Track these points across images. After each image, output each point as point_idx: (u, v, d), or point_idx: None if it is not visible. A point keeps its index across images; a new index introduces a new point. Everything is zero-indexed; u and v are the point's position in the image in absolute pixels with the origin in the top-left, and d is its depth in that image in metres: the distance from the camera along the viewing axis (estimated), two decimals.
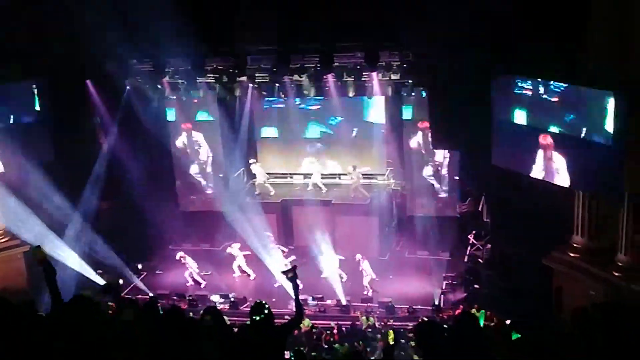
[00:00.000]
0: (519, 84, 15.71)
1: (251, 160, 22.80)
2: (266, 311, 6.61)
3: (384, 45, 18.63)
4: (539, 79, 15.26)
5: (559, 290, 16.55)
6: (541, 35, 14.75)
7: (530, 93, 15.53)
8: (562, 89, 14.77)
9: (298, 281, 7.65)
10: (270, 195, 22.59)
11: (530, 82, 15.50)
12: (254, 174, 22.87)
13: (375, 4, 17.25)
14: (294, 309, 7.67)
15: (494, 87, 16.27)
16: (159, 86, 21.47)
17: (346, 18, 17.80)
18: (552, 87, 14.99)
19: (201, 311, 7.07)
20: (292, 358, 8.56)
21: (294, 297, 7.58)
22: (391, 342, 16.03)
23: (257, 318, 6.57)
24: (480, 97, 16.41)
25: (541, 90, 15.26)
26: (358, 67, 19.41)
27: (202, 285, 20.66)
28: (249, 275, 21.09)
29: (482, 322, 5.61)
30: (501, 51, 15.56)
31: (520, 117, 15.94)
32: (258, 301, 6.77)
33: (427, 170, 21.26)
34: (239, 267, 21.09)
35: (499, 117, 16.41)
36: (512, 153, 16.61)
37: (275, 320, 6.82)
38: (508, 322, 14.50)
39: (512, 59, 15.57)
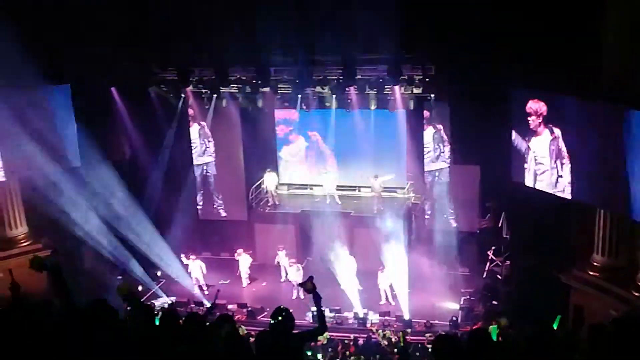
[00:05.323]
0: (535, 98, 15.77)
1: (267, 170, 22.97)
2: (284, 313, 6.58)
3: (407, 59, 18.63)
4: (555, 94, 15.30)
5: (578, 309, 16.35)
6: (559, 50, 14.77)
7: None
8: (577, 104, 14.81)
9: (318, 292, 7.62)
10: (277, 204, 22.69)
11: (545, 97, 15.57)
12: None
13: (397, 17, 17.28)
14: (316, 320, 7.60)
15: (512, 102, 16.27)
16: (182, 95, 21.63)
17: (368, 30, 17.84)
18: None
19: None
20: None
21: (315, 308, 7.49)
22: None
23: (274, 321, 6.56)
24: (500, 112, 16.40)
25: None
26: (380, 80, 19.43)
27: (207, 293, 20.59)
28: (250, 283, 21.32)
29: (494, 337, 5.54)
30: (520, 66, 15.56)
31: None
32: (279, 306, 6.75)
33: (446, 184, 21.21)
34: (247, 274, 21.24)
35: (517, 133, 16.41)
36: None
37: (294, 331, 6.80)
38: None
39: (530, 73, 15.57)
